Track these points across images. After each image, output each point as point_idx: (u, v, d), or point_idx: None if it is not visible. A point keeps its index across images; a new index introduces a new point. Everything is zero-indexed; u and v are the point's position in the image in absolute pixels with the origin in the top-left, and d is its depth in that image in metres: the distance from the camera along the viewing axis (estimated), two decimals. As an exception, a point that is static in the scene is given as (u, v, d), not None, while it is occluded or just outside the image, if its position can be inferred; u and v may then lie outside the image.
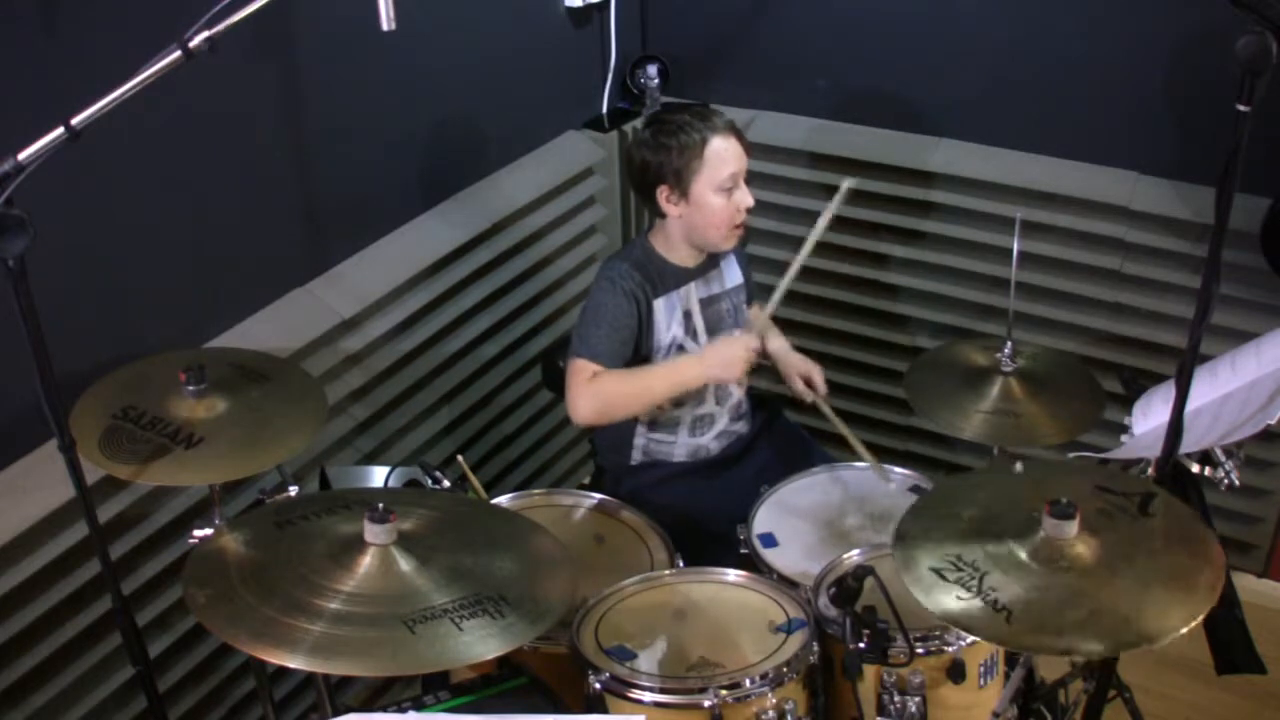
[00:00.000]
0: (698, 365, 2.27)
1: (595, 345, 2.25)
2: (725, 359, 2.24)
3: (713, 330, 2.39)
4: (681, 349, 2.35)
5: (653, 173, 2.27)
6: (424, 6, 2.52)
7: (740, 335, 2.31)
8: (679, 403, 2.39)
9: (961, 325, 3.05)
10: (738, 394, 2.48)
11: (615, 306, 2.27)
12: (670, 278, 2.34)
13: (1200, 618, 1.55)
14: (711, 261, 2.40)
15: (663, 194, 2.27)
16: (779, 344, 2.52)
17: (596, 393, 2.23)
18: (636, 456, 2.46)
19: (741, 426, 2.52)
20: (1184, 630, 1.53)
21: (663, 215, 2.31)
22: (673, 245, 2.35)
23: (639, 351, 2.32)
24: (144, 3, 1.94)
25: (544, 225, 2.98)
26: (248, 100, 2.25)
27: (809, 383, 2.45)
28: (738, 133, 2.28)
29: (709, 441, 2.46)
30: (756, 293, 2.61)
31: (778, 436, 2.55)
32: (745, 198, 2.28)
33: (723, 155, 2.24)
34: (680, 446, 2.45)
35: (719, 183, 2.24)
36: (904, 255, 3.08)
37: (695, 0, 3.18)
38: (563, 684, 1.80)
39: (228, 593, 1.56)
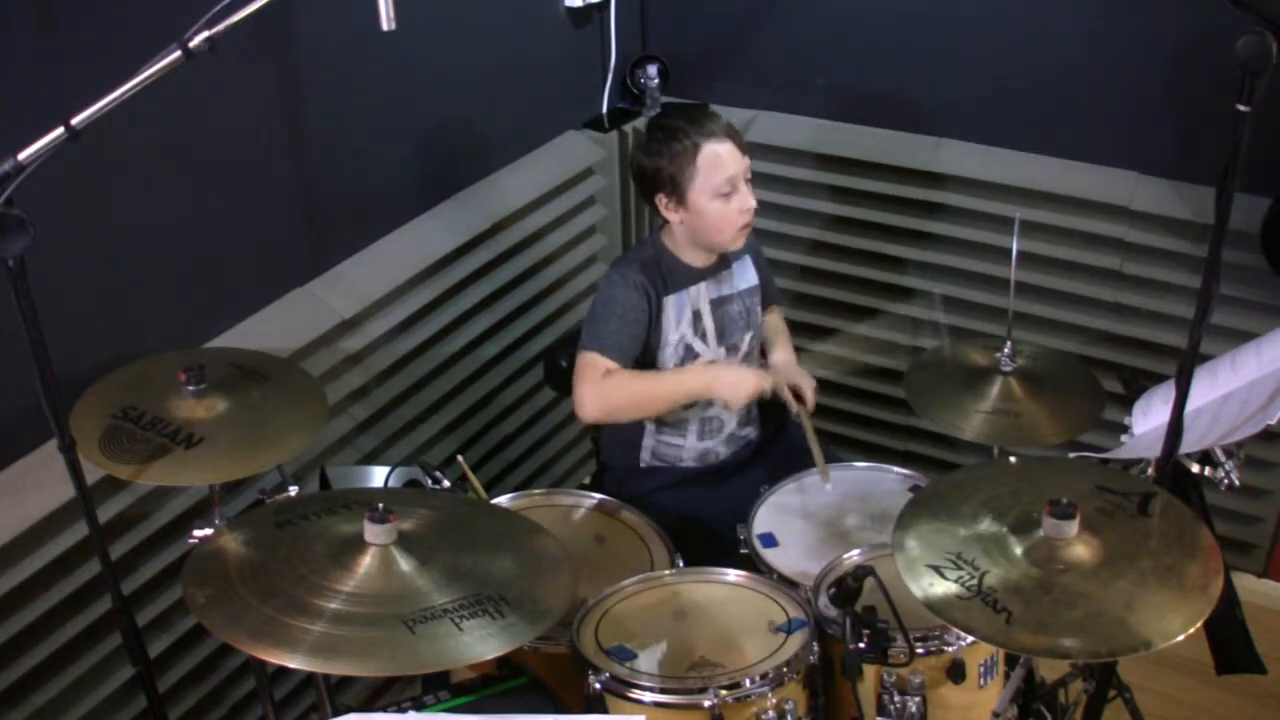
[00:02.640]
0: (705, 381, 2.26)
1: (605, 338, 2.23)
2: (734, 385, 2.24)
3: (722, 331, 2.38)
4: (689, 349, 2.34)
5: (649, 180, 2.26)
6: (424, 6, 2.52)
7: (757, 369, 2.32)
8: (686, 405, 2.39)
9: (962, 325, 3.05)
10: None
11: (626, 300, 2.26)
12: (680, 276, 2.33)
13: (1199, 623, 1.55)
14: (723, 262, 2.39)
15: (661, 201, 2.26)
16: (785, 356, 2.50)
17: (606, 392, 2.22)
18: (645, 458, 2.45)
19: (750, 431, 2.52)
20: (1182, 636, 1.53)
21: (666, 221, 2.31)
22: (682, 246, 2.34)
23: (647, 348, 2.32)
24: (144, 3, 1.94)
25: (544, 225, 2.97)
26: (248, 100, 2.24)
27: (797, 394, 2.34)
28: (734, 135, 2.25)
29: (718, 445, 2.46)
30: (778, 295, 2.61)
31: (787, 442, 2.54)
32: (747, 199, 2.25)
33: (717, 161, 2.21)
34: (689, 450, 2.44)
35: (715, 188, 2.21)
36: (904, 255, 3.08)
37: (695, 0, 3.18)
38: (563, 684, 1.80)
39: (228, 593, 1.56)
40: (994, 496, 1.78)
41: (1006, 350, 2.31)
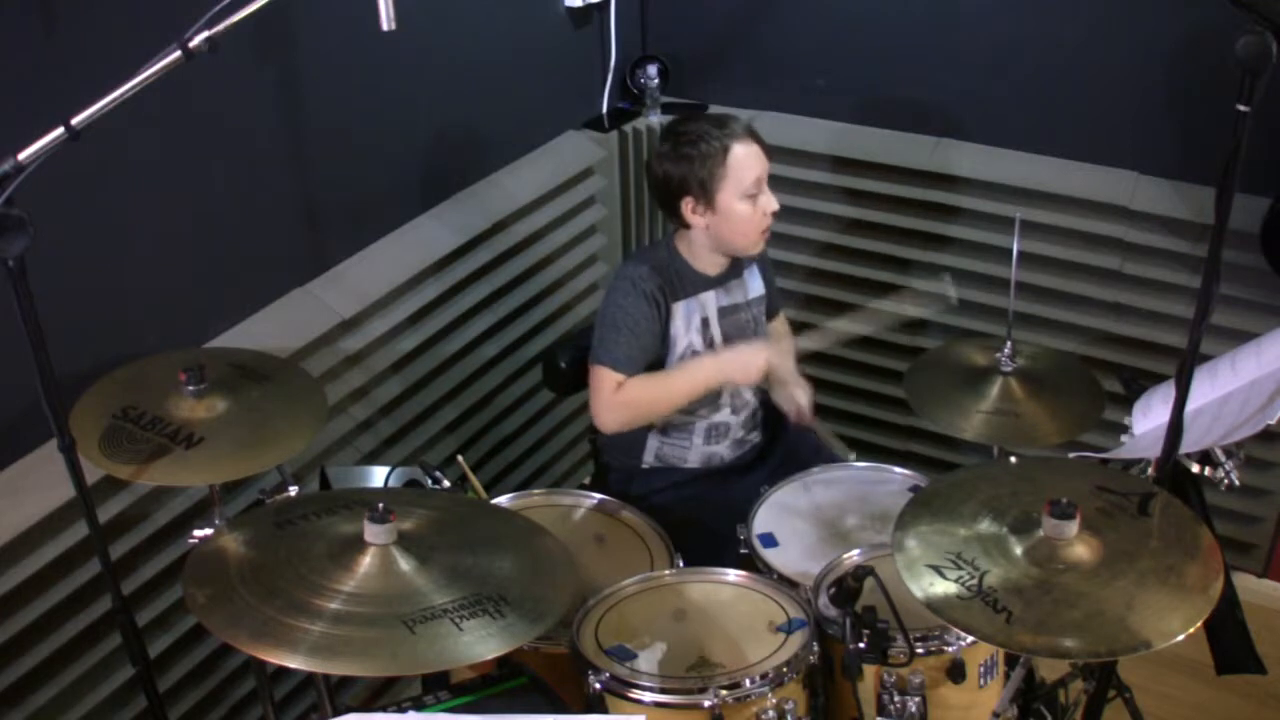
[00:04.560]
0: (715, 366, 2.27)
1: (616, 351, 2.23)
2: (743, 362, 2.25)
3: (730, 340, 2.36)
4: (697, 356, 2.33)
5: (676, 185, 2.23)
6: (424, 6, 2.52)
7: (762, 342, 2.32)
8: (691, 410, 2.38)
9: (961, 325, 3.05)
10: (753, 403, 2.47)
11: (635, 309, 2.24)
12: (690, 283, 2.32)
13: (1199, 623, 1.55)
14: (734, 270, 2.38)
15: (688, 206, 2.24)
16: (786, 363, 2.50)
17: (623, 404, 2.23)
18: (649, 459, 2.45)
19: (756, 436, 2.52)
20: (1182, 636, 1.53)
21: (688, 226, 2.28)
22: (697, 253, 2.33)
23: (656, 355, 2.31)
24: (144, 3, 1.94)
25: (544, 225, 2.98)
26: (248, 100, 2.25)
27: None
28: (757, 136, 2.25)
29: (723, 450, 2.45)
30: (780, 301, 2.60)
31: (787, 444, 2.53)
32: (770, 202, 2.25)
33: (745, 161, 2.21)
34: (694, 452, 2.43)
35: (744, 189, 2.21)
36: (905, 255, 3.07)
37: (695, 0, 3.19)
38: (563, 684, 1.79)
39: (228, 593, 1.56)
40: (994, 496, 1.78)
41: (1006, 350, 2.31)
